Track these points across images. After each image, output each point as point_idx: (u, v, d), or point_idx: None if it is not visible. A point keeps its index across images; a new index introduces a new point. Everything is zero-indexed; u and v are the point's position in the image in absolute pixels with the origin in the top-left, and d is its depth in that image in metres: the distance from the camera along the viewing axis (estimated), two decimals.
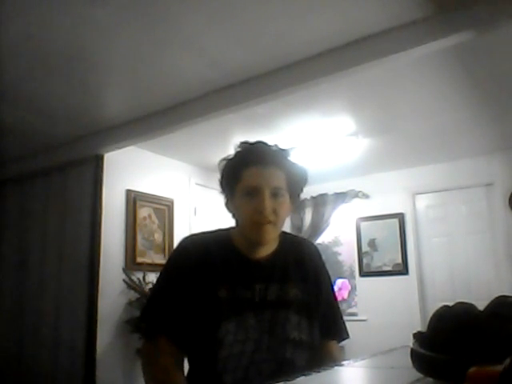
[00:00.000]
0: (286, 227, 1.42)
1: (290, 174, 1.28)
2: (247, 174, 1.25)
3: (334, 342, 1.41)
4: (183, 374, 1.25)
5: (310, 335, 1.29)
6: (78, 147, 3.78)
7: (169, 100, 3.19)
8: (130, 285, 3.86)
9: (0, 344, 3.80)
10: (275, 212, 1.23)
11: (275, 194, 1.24)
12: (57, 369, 3.47)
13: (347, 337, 1.42)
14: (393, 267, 5.17)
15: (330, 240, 6.44)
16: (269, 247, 1.31)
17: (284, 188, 1.26)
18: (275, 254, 1.32)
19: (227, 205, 1.34)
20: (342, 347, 1.43)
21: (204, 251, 1.28)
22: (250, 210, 1.23)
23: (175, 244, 1.38)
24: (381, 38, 2.42)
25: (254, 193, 1.23)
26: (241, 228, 1.30)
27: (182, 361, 1.28)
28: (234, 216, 1.33)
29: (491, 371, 0.59)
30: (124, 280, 3.88)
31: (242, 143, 1.32)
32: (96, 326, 3.42)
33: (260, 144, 1.32)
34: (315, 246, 1.47)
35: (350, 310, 5.60)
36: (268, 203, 1.22)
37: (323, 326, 1.34)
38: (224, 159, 1.33)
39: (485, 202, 4.79)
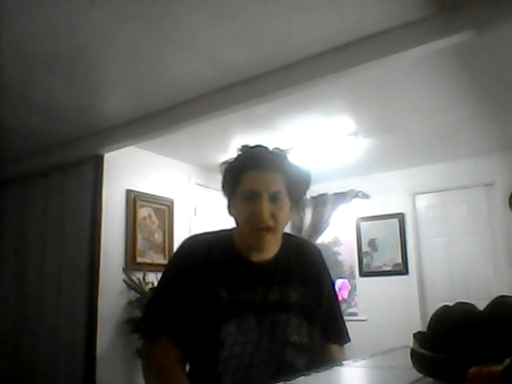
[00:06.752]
0: (286, 227, 1.42)
1: (289, 177, 1.28)
2: (246, 178, 1.25)
3: (336, 345, 1.40)
4: (185, 374, 1.25)
5: (311, 338, 1.29)
6: (77, 147, 3.78)
7: (169, 100, 3.19)
8: (130, 285, 3.86)
9: (0, 344, 3.80)
10: (274, 217, 1.23)
11: (274, 199, 1.24)
12: (57, 369, 3.47)
13: (348, 340, 1.41)
14: (393, 267, 5.17)
15: (330, 240, 6.45)
16: (271, 250, 1.31)
17: (283, 192, 1.26)
18: (277, 256, 1.32)
19: (229, 208, 1.34)
20: (343, 348, 1.43)
21: (206, 253, 1.28)
22: (248, 214, 1.23)
23: (175, 244, 1.38)
24: (381, 38, 2.42)
25: (253, 197, 1.23)
26: (240, 231, 1.30)
27: (184, 360, 1.28)
28: (235, 219, 1.33)
29: (491, 371, 0.59)
30: (124, 280, 3.88)
31: (243, 146, 1.32)
32: (96, 326, 3.42)
33: (260, 148, 1.31)
34: (318, 249, 1.46)
35: (350, 310, 5.60)
36: (266, 207, 1.22)
37: (325, 329, 1.34)
38: (225, 162, 1.33)
39: (485, 202, 4.79)
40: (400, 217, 5.17)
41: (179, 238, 4.14)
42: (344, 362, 1.21)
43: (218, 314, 1.21)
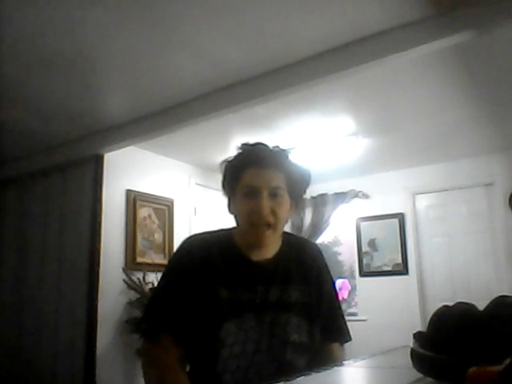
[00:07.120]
0: (286, 227, 1.43)
1: (290, 175, 1.28)
2: (246, 175, 1.25)
3: (337, 344, 1.40)
4: (186, 374, 1.25)
5: (311, 337, 1.28)
6: (78, 147, 3.78)
7: (169, 100, 3.19)
8: (130, 285, 3.86)
9: (0, 344, 3.80)
10: (274, 213, 1.23)
11: (274, 195, 1.24)
12: (57, 369, 3.48)
13: (349, 339, 1.41)
14: (393, 267, 5.16)
15: (330, 240, 6.44)
16: (271, 248, 1.31)
17: (283, 188, 1.26)
18: (277, 255, 1.32)
19: (229, 206, 1.34)
20: (343, 347, 1.43)
21: (206, 252, 1.28)
22: (248, 211, 1.23)
23: (175, 244, 1.38)
24: (381, 38, 2.42)
25: (252, 193, 1.23)
26: (240, 229, 1.30)
27: (185, 360, 1.28)
28: (235, 218, 1.33)
29: (491, 371, 0.59)
30: (124, 280, 3.88)
31: (243, 145, 1.32)
32: (96, 326, 3.42)
33: (260, 145, 1.32)
34: (318, 248, 1.46)
35: (350, 310, 5.59)
36: (266, 203, 1.22)
37: (325, 328, 1.33)
38: (225, 161, 1.33)
39: (485, 202, 4.79)
40: (400, 217, 5.17)
41: (179, 237, 4.14)
42: (344, 362, 1.20)
43: (218, 313, 1.21)
